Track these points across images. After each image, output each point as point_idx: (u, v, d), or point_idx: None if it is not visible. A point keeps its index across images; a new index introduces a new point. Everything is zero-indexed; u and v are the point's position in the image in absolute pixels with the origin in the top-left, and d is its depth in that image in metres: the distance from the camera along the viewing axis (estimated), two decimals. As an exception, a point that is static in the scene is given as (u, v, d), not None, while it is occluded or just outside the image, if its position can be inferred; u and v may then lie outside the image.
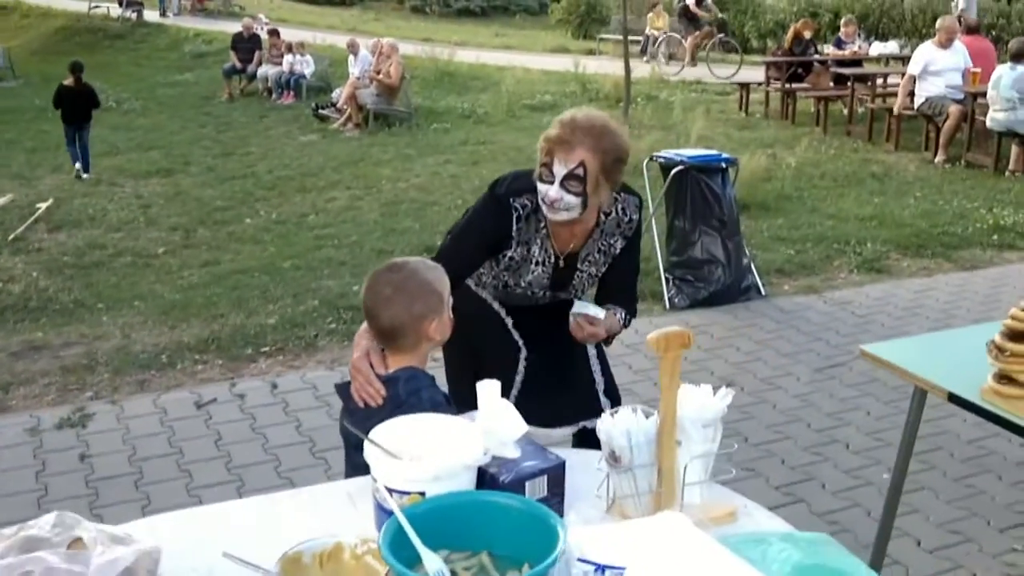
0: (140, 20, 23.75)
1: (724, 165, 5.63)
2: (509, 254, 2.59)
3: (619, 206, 2.64)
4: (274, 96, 15.36)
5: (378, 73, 12.88)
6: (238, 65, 16.02)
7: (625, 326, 2.74)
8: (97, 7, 24.92)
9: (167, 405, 4.27)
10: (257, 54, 15.99)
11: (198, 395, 4.37)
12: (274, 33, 16.54)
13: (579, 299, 2.70)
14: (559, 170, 2.42)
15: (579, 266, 2.67)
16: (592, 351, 2.86)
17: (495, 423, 1.63)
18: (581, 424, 2.79)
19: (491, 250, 2.60)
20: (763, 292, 5.80)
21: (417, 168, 10.26)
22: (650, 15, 18.48)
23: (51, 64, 16.11)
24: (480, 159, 10.50)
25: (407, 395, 2.01)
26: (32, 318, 6.46)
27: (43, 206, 9.93)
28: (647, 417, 1.62)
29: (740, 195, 7.85)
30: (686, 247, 5.63)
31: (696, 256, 5.60)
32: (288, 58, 15.36)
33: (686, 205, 5.57)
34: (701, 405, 1.63)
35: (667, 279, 5.69)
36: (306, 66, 15.28)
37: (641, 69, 15.97)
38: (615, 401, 2.87)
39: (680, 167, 5.53)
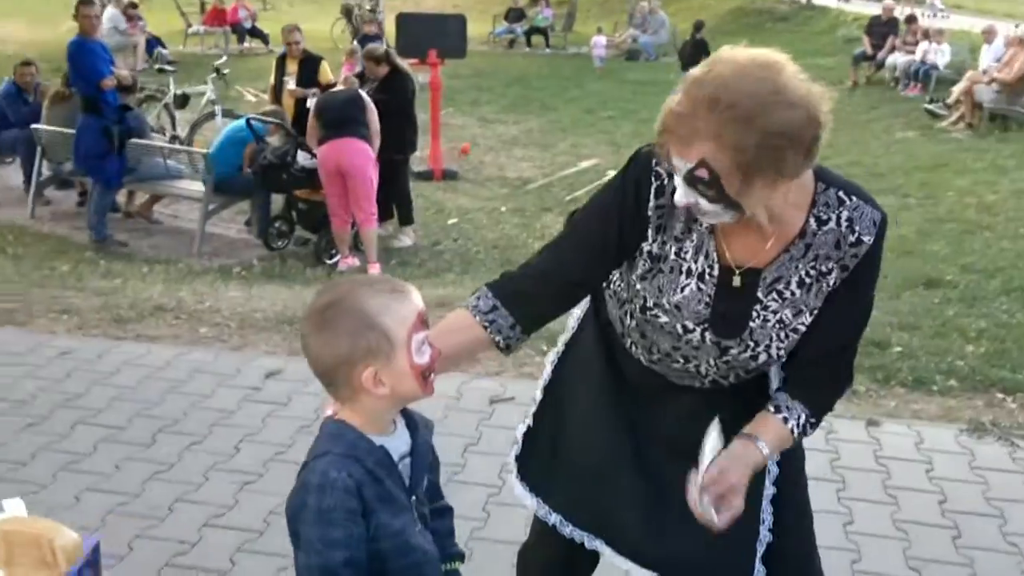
0: (808, 3, 23.50)
1: None
2: (646, 248, 1.69)
3: (843, 213, 1.63)
4: (900, 86, 13.93)
5: (1004, 67, 10.80)
6: (868, 51, 14.86)
7: (803, 434, 1.72)
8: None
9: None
10: (890, 40, 14.63)
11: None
12: (911, 19, 14.93)
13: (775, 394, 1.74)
14: (679, 164, 1.53)
15: (762, 296, 1.66)
16: (768, 486, 1.81)
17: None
18: None
19: (619, 241, 1.70)
20: None
21: (1003, 183, 8.35)
22: None
23: (716, 43, 16.64)
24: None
25: (311, 457, 1.43)
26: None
27: (612, 174, 10.42)
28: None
29: None
30: None
31: None
32: (923, 45, 13.77)
33: None
34: None
35: None
36: (940, 56, 13.51)
37: None
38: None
39: None
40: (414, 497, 1.48)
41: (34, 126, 8.06)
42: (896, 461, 3.37)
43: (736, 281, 1.66)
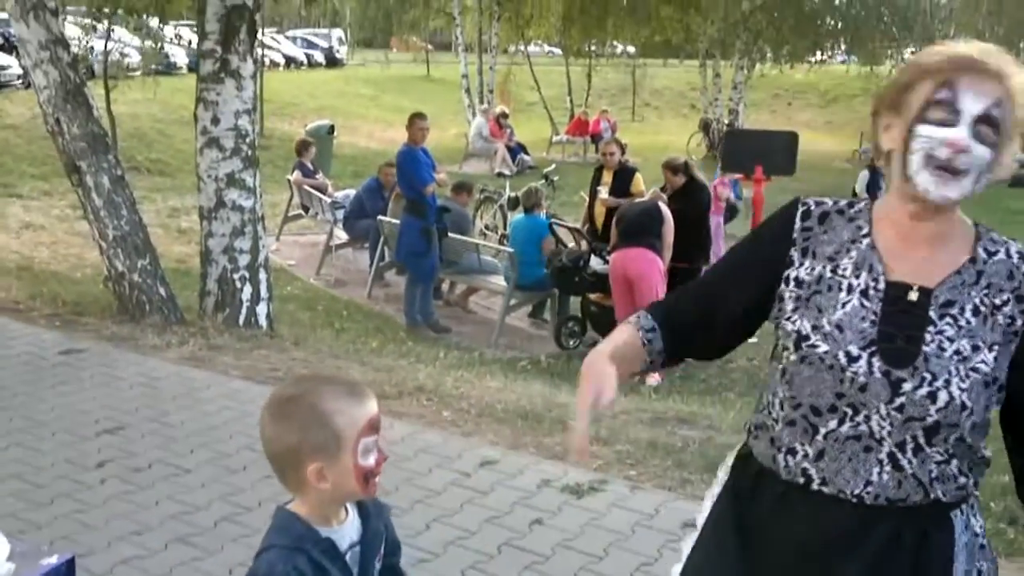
0: None
1: None
2: (792, 274, 1.65)
3: (1011, 247, 1.61)
4: None
5: None
6: None
7: None
8: None
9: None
10: None
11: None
12: None
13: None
14: (970, 105, 1.50)
15: (935, 317, 1.54)
16: None
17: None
18: None
19: (761, 261, 1.70)
20: None
21: None
22: None
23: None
24: None
25: (261, 548, 1.53)
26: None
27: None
28: None
29: None
30: None
31: None
32: None
33: None
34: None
35: None
36: None
37: None
38: None
39: None
40: None
41: (380, 218, 9.17)
42: None
43: (913, 296, 1.56)
